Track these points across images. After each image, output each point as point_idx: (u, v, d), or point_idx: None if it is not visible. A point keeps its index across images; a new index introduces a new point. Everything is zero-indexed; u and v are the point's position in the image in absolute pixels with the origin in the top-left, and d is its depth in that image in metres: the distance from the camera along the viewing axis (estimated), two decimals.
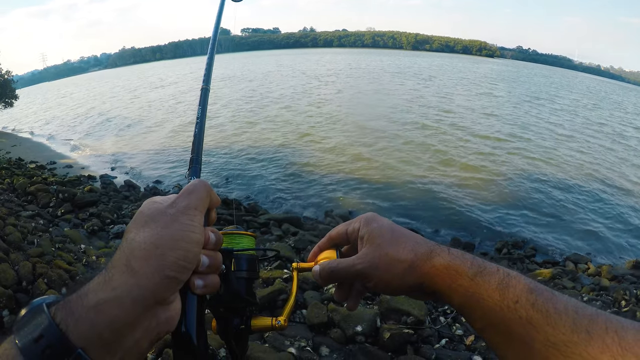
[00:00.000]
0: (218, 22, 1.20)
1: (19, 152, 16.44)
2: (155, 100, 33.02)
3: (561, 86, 55.48)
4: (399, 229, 0.71)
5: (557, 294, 0.54)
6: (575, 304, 0.52)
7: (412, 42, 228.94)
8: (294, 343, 3.00)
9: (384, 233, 0.70)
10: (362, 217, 0.75)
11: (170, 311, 0.53)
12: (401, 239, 0.69)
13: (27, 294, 3.45)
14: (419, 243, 0.68)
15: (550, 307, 0.52)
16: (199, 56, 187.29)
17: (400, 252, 0.66)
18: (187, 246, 0.53)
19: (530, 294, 0.54)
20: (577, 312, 0.51)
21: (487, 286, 0.58)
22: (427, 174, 12.57)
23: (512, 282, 0.57)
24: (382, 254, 0.67)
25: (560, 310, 0.51)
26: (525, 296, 0.55)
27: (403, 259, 0.66)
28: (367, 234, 0.71)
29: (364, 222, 0.74)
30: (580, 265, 7.60)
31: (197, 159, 0.78)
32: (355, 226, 0.75)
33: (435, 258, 0.64)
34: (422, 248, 0.67)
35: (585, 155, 16.02)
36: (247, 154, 14.87)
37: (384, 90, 32.88)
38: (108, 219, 7.47)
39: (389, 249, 0.67)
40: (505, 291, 0.56)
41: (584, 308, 0.52)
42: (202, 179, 0.66)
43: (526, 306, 0.54)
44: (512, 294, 0.56)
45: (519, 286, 0.56)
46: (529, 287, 0.55)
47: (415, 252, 0.66)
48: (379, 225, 0.72)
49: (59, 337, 0.44)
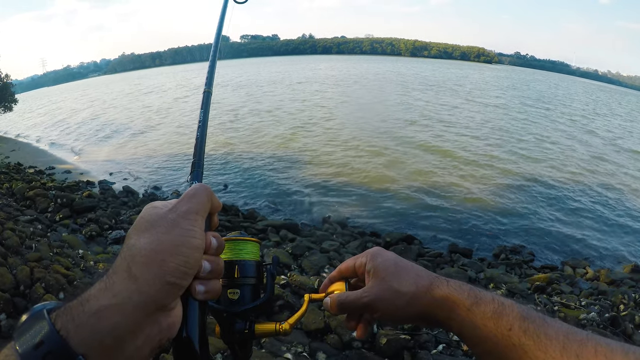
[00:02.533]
0: (221, 25, 1.17)
1: (18, 157, 16.41)
2: (153, 106, 33.04)
3: (557, 91, 55.64)
4: (402, 263, 0.76)
5: (549, 319, 0.59)
6: (567, 329, 0.56)
7: (411, 49, 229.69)
8: (291, 349, 3.00)
9: (388, 267, 0.75)
10: (368, 252, 0.80)
11: (171, 317, 0.52)
12: (403, 272, 0.74)
13: (25, 298, 3.44)
14: (420, 276, 0.73)
15: (542, 333, 0.57)
16: (198, 62, 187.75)
17: (403, 285, 0.72)
18: (188, 252, 0.52)
19: (523, 321, 0.59)
20: (567, 337, 0.55)
21: (482, 315, 0.64)
22: (425, 180, 12.58)
23: (505, 310, 0.62)
24: (386, 287, 0.73)
25: (551, 336, 0.56)
26: (518, 324, 0.59)
27: (405, 291, 0.71)
28: (373, 268, 0.76)
29: (370, 257, 0.78)
30: (579, 270, 7.60)
31: (199, 163, 0.78)
32: (362, 261, 0.79)
33: (435, 290, 0.70)
34: (423, 280, 0.72)
35: (582, 161, 16.05)
36: (245, 160, 14.86)
37: (384, 99, 32.91)
38: (106, 225, 7.45)
39: (392, 283, 0.73)
40: (499, 320, 0.61)
41: (575, 333, 0.55)
42: (203, 183, 0.66)
43: (519, 333, 0.58)
44: (506, 322, 0.61)
45: (512, 314, 0.61)
46: (521, 315, 0.60)
47: (416, 284, 0.72)
48: (384, 259, 0.77)
49: (60, 343, 0.43)
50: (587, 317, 4.19)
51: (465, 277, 5.80)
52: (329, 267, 5.89)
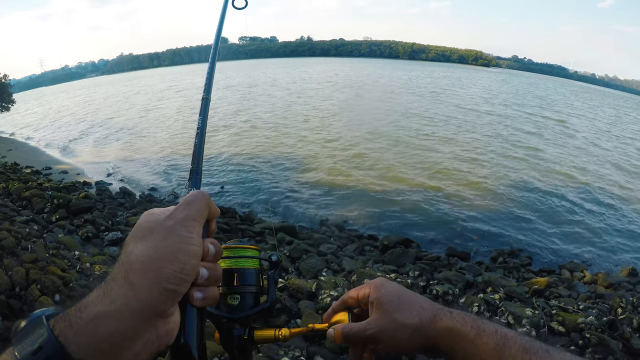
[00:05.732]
0: (219, 31, 1.16)
1: (15, 157, 16.39)
2: (151, 108, 33.03)
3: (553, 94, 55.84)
4: (406, 294, 0.78)
5: (552, 351, 0.61)
6: (571, 359, 0.59)
7: (409, 52, 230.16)
8: (288, 353, 2.98)
9: (392, 299, 0.76)
10: (372, 283, 0.81)
11: (169, 323, 0.52)
12: (407, 304, 0.75)
13: (20, 300, 3.42)
14: (424, 308, 0.75)
15: None
16: (197, 64, 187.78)
17: (407, 318, 0.73)
18: (185, 258, 0.52)
19: (526, 353, 0.61)
20: None
21: (485, 348, 0.65)
22: (422, 183, 12.61)
23: (508, 342, 0.64)
24: (390, 320, 0.74)
25: None
26: (520, 356, 0.61)
27: (409, 324, 0.73)
28: (376, 300, 0.77)
29: (373, 289, 0.79)
30: (576, 273, 7.61)
31: (197, 169, 0.77)
32: (366, 292, 0.80)
33: (438, 322, 0.72)
34: (427, 313, 0.74)
35: (581, 164, 16.13)
36: (242, 163, 14.88)
37: (381, 97, 33.01)
38: (103, 226, 7.42)
39: (396, 315, 0.74)
40: (503, 351, 0.63)
41: None
42: (201, 190, 0.66)
43: None
44: (509, 354, 0.62)
45: (515, 346, 0.63)
46: (524, 347, 0.62)
47: (420, 317, 0.73)
48: (387, 291, 0.78)
49: (58, 349, 0.44)
50: (585, 321, 4.19)
51: (462, 281, 5.79)
52: (327, 271, 5.88)
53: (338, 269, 6.20)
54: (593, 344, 3.85)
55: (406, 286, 4.06)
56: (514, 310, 4.42)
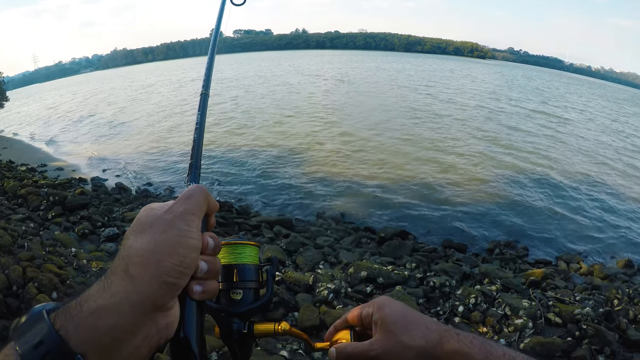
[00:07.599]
0: (218, 26, 1.16)
1: (10, 154, 16.26)
2: (146, 103, 32.83)
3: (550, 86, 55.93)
4: (410, 314, 0.76)
5: None
6: None
7: (404, 44, 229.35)
8: (286, 346, 3.00)
9: (397, 319, 0.74)
10: (375, 302, 0.79)
11: (169, 317, 0.53)
12: (412, 325, 0.73)
13: (18, 298, 3.42)
14: (430, 329, 0.72)
15: None
16: (191, 57, 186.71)
17: (412, 339, 0.71)
18: (185, 252, 0.53)
19: None
20: None
21: None
22: (419, 175, 12.63)
23: None
24: (395, 341, 0.72)
25: None
26: None
27: (415, 345, 0.70)
28: (380, 319, 0.75)
29: (377, 308, 0.77)
30: (573, 265, 7.67)
31: (196, 164, 0.78)
32: (369, 311, 0.78)
33: (445, 344, 0.69)
34: (433, 334, 0.71)
35: (577, 156, 16.20)
36: (239, 156, 14.85)
37: (373, 94, 32.93)
38: (99, 222, 7.42)
39: (401, 336, 0.71)
40: None
41: None
42: (200, 184, 0.66)
43: None
44: None
45: None
46: None
47: (426, 338, 0.71)
48: (392, 311, 0.76)
49: (59, 343, 0.44)
50: (582, 312, 4.22)
51: (459, 272, 5.82)
52: (324, 263, 5.89)
53: (335, 261, 6.22)
54: (589, 335, 3.89)
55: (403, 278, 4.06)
56: (511, 301, 4.45)
